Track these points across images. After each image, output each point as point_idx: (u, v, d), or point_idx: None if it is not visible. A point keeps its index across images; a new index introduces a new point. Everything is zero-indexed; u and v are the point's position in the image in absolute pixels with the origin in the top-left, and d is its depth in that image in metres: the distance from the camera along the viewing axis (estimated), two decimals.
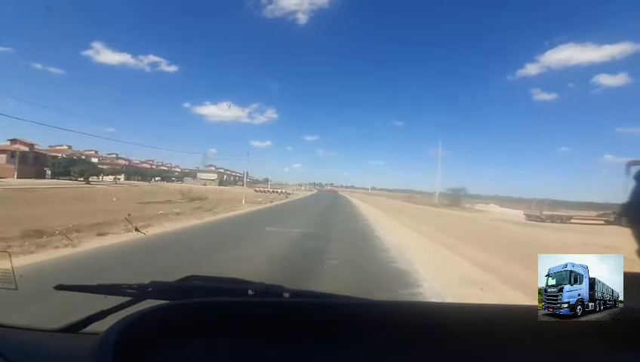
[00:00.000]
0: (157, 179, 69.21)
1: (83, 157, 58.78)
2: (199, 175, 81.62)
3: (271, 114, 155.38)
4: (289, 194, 47.10)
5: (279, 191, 48.97)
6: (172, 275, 1.03)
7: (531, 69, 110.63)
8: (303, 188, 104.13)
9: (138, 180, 61.45)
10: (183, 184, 63.83)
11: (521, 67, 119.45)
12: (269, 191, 48.45)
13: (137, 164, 76.28)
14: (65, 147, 61.41)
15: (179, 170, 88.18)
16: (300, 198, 39.89)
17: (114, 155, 71.96)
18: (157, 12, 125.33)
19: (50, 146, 59.34)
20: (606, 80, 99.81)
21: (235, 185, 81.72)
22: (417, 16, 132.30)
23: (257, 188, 52.53)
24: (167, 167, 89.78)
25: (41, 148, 51.54)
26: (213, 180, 78.56)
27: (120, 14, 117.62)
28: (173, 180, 72.94)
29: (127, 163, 69.90)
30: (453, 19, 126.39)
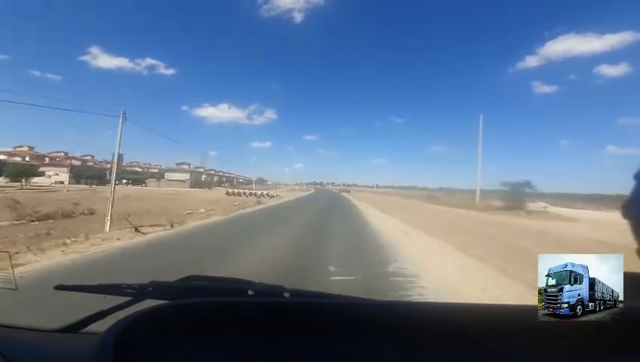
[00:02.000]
0: (124, 181, 60.31)
1: (47, 159, 54.82)
2: (167, 175, 68.56)
3: (270, 114, 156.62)
4: (271, 197, 35.58)
5: (259, 193, 37.27)
6: None
7: (531, 61, 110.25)
8: (297, 187, 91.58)
9: (94, 183, 50.40)
10: (146, 187, 55.53)
11: (520, 60, 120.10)
12: (245, 193, 37.37)
13: (99, 164, 65.80)
14: (25, 148, 57.19)
15: (157, 170, 78.74)
16: (276, 206, 23.44)
17: (89, 157, 67.56)
18: (153, 15, 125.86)
19: (15, 148, 55.28)
20: (608, 70, 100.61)
21: (219, 186, 70.65)
22: (414, 13, 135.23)
23: (231, 190, 40.82)
24: (143, 167, 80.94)
25: None
26: (183, 181, 65.19)
27: (116, 18, 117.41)
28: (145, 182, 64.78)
29: (77, 162, 61.99)
30: (450, 12, 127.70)
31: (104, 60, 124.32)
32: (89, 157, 69.18)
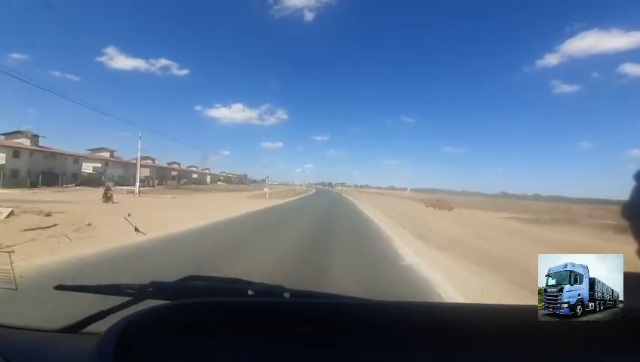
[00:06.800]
0: None
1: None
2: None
3: (281, 115, 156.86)
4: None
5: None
6: None
7: (551, 60, 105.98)
8: (267, 190, 55.64)
9: None
10: None
11: (539, 57, 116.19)
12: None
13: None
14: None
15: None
16: None
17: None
18: (168, 17, 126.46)
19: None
20: (632, 69, 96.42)
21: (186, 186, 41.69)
22: (428, 10, 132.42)
23: None
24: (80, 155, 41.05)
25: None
26: None
27: (132, 20, 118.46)
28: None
29: None
30: (464, 9, 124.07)
31: (121, 61, 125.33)
32: None
